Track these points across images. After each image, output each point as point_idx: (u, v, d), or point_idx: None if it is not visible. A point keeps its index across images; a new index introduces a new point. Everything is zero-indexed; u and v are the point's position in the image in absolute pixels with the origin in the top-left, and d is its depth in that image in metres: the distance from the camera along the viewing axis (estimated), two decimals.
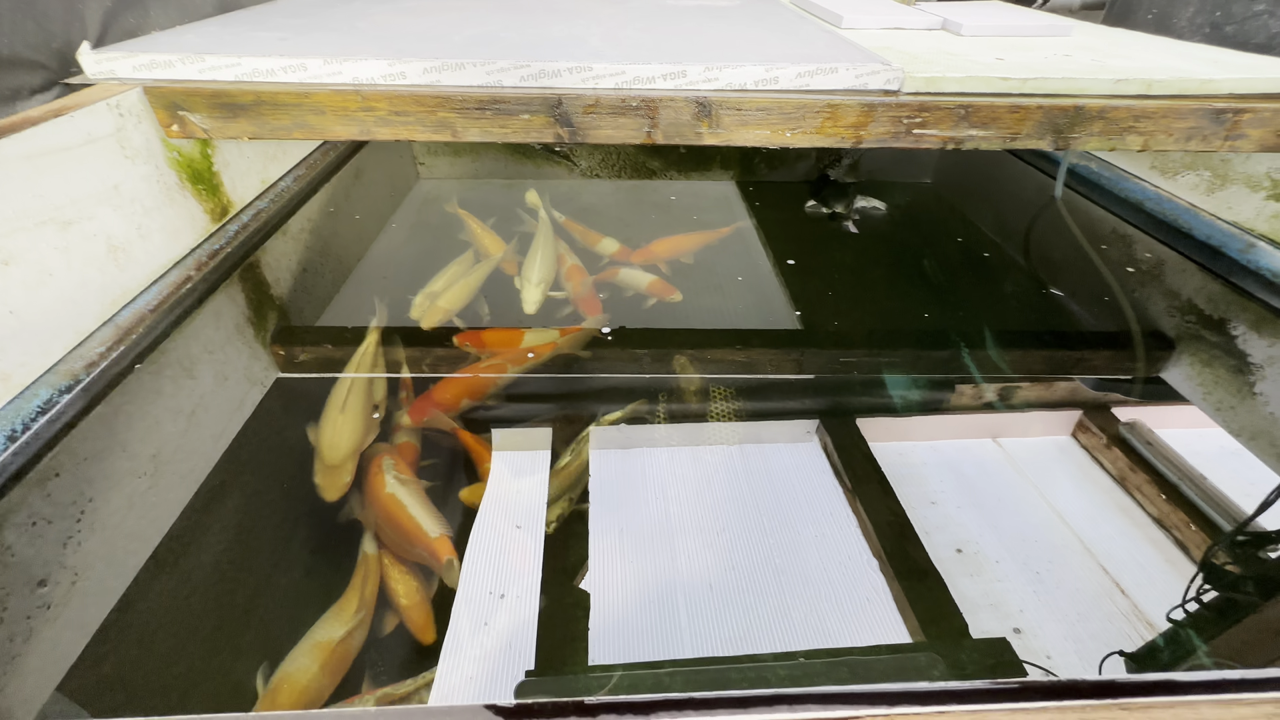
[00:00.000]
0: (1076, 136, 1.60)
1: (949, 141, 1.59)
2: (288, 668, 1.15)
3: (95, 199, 1.30)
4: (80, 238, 1.26)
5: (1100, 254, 2.37)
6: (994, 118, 1.57)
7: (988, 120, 1.56)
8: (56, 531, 1.09)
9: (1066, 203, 2.57)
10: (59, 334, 1.21)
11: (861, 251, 2.66)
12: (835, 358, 1.90)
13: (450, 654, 1.23)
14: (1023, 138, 1.59)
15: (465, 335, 1.97)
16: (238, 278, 1.69)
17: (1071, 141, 1.60)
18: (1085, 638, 1.40)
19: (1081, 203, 2.58)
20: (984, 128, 1.57)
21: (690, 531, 1.55)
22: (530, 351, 1.91)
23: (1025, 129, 1.58)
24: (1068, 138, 1.60)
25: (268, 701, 1.10)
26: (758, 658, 1.24)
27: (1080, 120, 1.57)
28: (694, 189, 3.26)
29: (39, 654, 1.03)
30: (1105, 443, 1.81)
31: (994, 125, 1.57)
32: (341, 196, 2.40)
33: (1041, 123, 1.58)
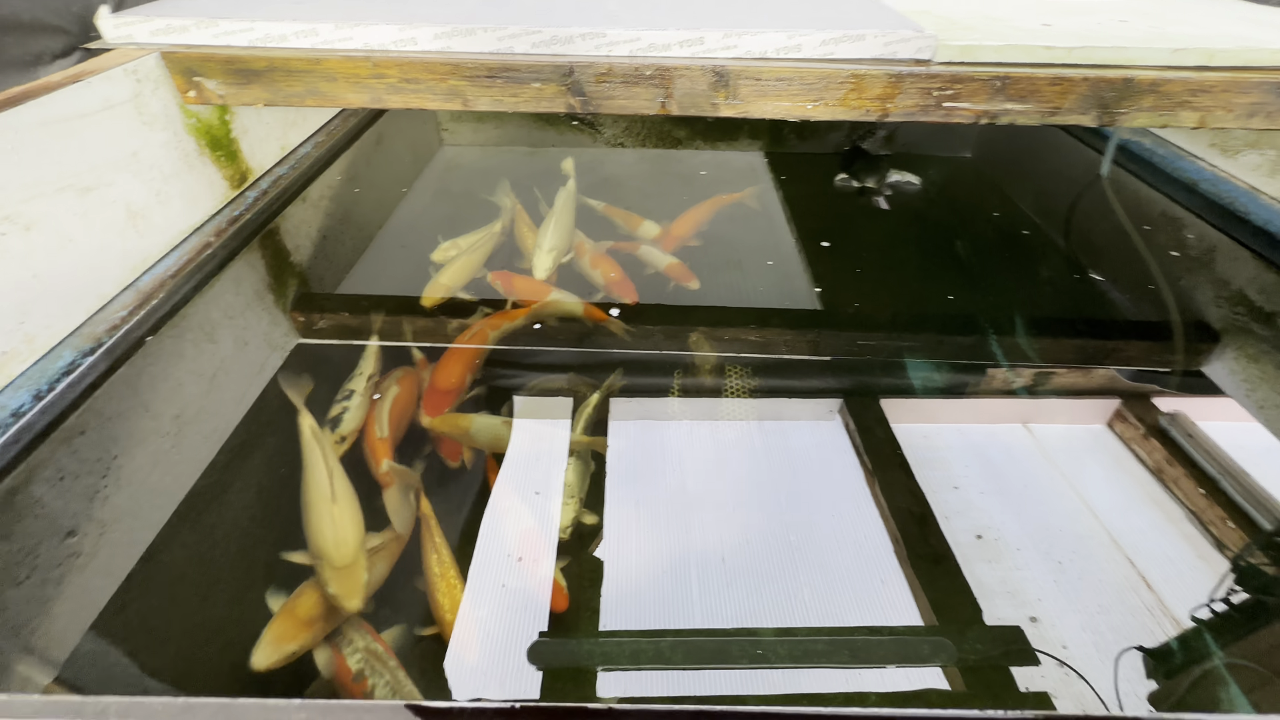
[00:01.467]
0: (1123, 112, 1.49)
1: (982, 116, 1.50)
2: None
3: (114, 165, 1.34)
4: (100, 204, 1.31)
5: (1145, 237, 2.24)
6: (1033, 90, 1.47)
7: (1026, 93, 1.47)
8: (84, 486, 1.15)
9: (1113, 181, 2.43)
10: (81, 298, 1.27)
11: (891, 229, 2.57)
12: (853, 340, 1.86)
13: (467, 612, 1.27)
14: (1063, 112, 1.49)
15: (499, 275, 2.05)
16: (257, 244, 1.72)
17: (1118, 117, 1.50)
18: (1105, 630, 1.37)
19: (1130, 181, 2.44)
20: (1021, 101, 1.48)
21: (706, 506, 1.57)
22: (538, 321, 1.90)
23: (1067, 103, 1.48)
24: (1113, 113, 1.49)
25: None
26: (760, 632, 1.24)
27: (1129, 94, 1.47)
28: (720, 159, 3.18)
29: (71, 599, 1.11)
30: (1143, 433, 1.74)
31: (1032, 99, 1.48)
32: (362, 163, 2.41)
33: (1086, 96, 1.48)
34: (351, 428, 1.50)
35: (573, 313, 1.97)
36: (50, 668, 1.04)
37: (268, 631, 1.12)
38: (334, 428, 1.47)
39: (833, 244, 2.42)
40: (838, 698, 1.13)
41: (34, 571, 1.05)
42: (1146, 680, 1.25)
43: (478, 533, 1.42)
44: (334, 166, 2.16)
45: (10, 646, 1.00)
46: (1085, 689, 1.26)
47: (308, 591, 1.19)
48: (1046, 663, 1.28)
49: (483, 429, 1.59)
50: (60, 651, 1.07)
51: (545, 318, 1.94)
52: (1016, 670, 1.22)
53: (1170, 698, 1.17)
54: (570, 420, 1.71)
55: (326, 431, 1.45)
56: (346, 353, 1.82)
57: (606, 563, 1.41)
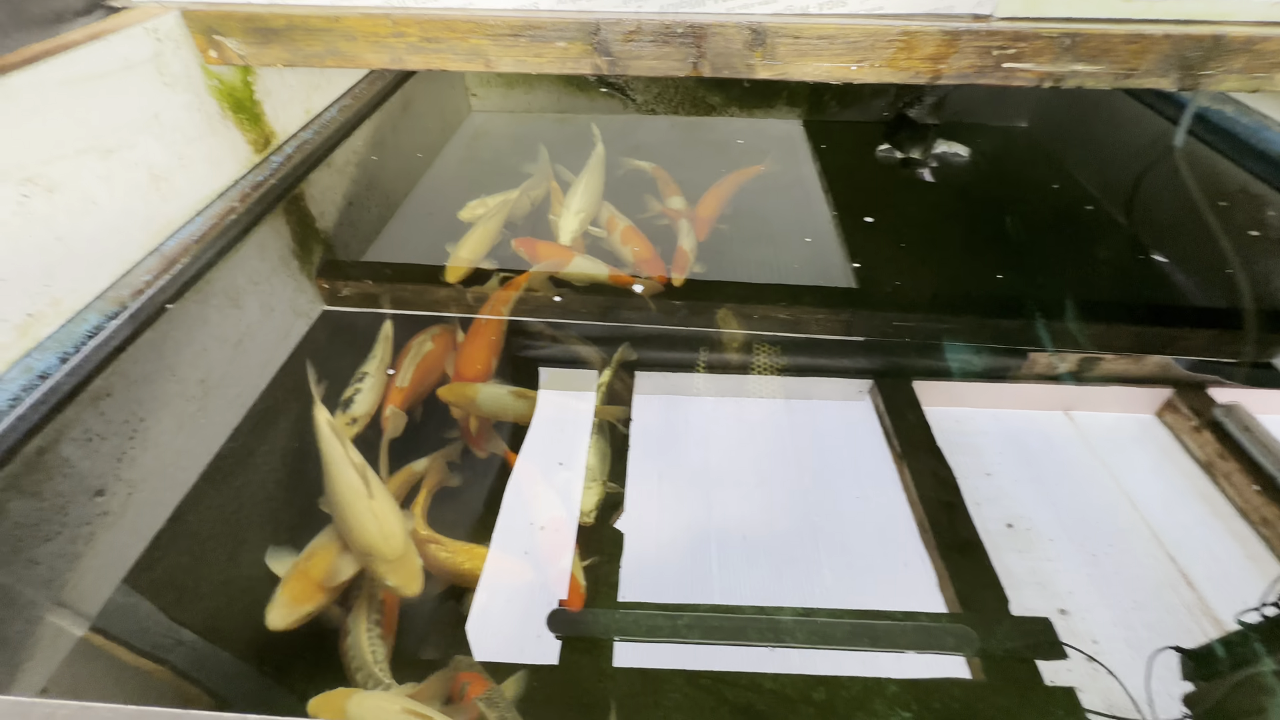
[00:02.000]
0: (1209, 74, 1.34)
1: (1045, 79, 1.37)
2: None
3: (135, 127, 1.34)
4: (122, 166, 1.31)
5: (1220, 215, 2.06)
6: (1105, 49, 1.34)
7: (1097, 52, 1.34)
8: (111, 447, 1.19)
9: (1187, 154, 2.23)
10: (105, 262, 1.29)
11: (935, 204, 2.44)
12: (889, 321, 1.78)
13: (489, 579, 1.30)
14: (1140, 75, 1.35)
15: (522, 241, 2.02)
16: (282, 210, 1.72)
17: (1201, 80, 1.35)
18: (1139, 626, 1.33)
19: (1205, 154, 2.24)
20: (1092, 62, 1.35)
21: (729, 482, 1.56)
22: (559, 294, 1.86)
23: (1144, 64, 1.34)
24: (1197, 75, 1.35)
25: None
26: (778, 611, 1.24)
27: (1218, 53, 1.32)
28: (756, 127, 3.04)
29: (100, 556, 1.16)
30: (1196, 425, 1.65)
31: (1105, 59, 1.34)
32: (388, 129, 2.37)
33: (1166, 56, 1.33)
34: (364, 410, 1.50)
35: (598, 279, 1.93)
36: (83, 620, 1.10)
37: (281, 591, 1.15)
38: (345, 409, 1.48)
39: (872, 219, 2.31)
40: (855, 682, 1.12)
41: (64, 528, 1.10)
42: (1182, 682, 1.20)
43: (501, 501, 1.44)
44: (359, 131, 2.14)
45: (43, 599, 1.06)
46: (1114, 685, 1.22)
47: (319, 551, 1.22)
48: (1074, 657, 1.25)
49: (490, 399, 1.58)
50: (92, 606, 1.12)
51: (569, 286, 1.90)
52: (1043, 664, 1.18)
53: (1207, 702, 1.12)
54: (594, 393, 1.70)
55: (340, 415, 1.46)
56: (372, 320, 1.84)
57: (627, 535, 1.42)
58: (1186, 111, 2.19)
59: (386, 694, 1.05)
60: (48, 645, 1.03)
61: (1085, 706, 1.11)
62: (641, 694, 1.11)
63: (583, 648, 1.19)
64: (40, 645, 1.02)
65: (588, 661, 1.17)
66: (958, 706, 1.07)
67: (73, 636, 1.05)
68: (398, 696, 1.04)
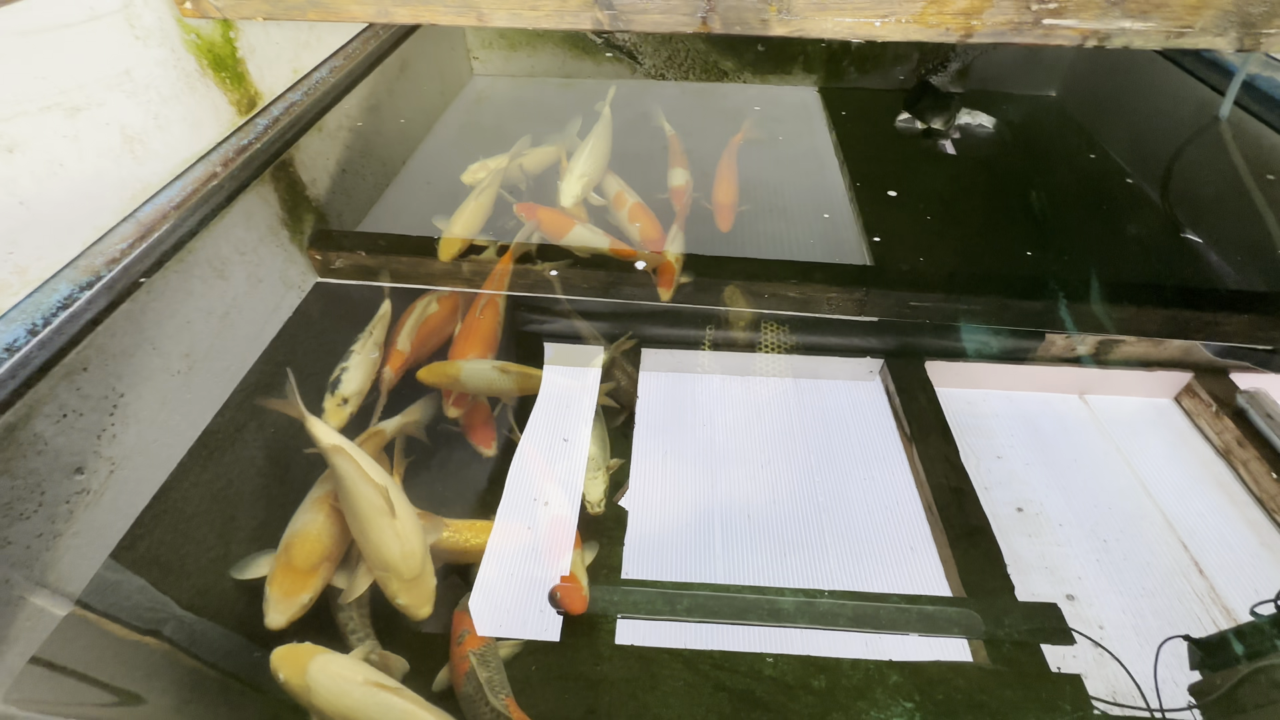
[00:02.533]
0: (1273, 33, 1.23)
1: (1089, 37, 1.27)
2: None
3: (104, 84, 1.25)
4: (91, 126, 1.23)
5: (1266, 191, 1.95)
6: (1159, 4, 1.23)
7: (1149, 8, 1.24)
8: (89, 424, 1.15)
9: (1233, 125, 2.09)
10: (75, 228, 1.22)
11: (957, 177, 2.34)
12: (905, 301, 1.71)
13: (493, 552, 1.29)
14: (1193, 33, 1.25)
15: (524, 206, 1.97)
16: (269, 177, 1.64)
17: (1263, 41, 1.25)
18: (1147, 614, 1.31)
19: (1253, 126, 2.11)
20: (1142, 18, 1.25)
21: (734, 461, 1.55)
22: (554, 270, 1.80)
23: (1200, 20, 1.24)
24: (1259, 35, 1.25)
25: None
26: (781, 591, 1.22)
27: None
28: (770, 95, 2.91)
29: (82, 535, 1.14)
30: (1215, 410, 1.60)
31: (1156, 14, 1.24)
32: (384, 92, 2.27)
33: (1226, 13, 1.23)
34: (354, 389, 1.44)
35: (598, 249, 1.86)
36: (65, 599, 1.09)
37: (271, 590, 1.10)
38: (333, 390, 1.43)
39: (890, 192, 2.22)
40: (857, 670, 1.10)
41: (40, 507, 1.06)
42: (1190, 671, 1.19)
43: (505, 476, 1.43)
44: (353, 94, 2.03)
45: (20, 579, 1.03)
46: (1119, 673, 1.21)
47: (295, 541, 1.17)
48: (1081, 644, 1.24)
49: (474, 376, 1.53)
50: (74, 585, 1.10)
51: (572, 260, 1.84)
52: (1049, 650, 1.17)
53: (1215, 692, 1.11)
54: (600, 370, 1.67)
55: (329, 397, 1.40)
56: (368, 294, 1.79)
57: (630, 512, 1.41)
58: (1235, 79, 2.05)
59: (350, 661, 1.03)
60: (26, 624, 1.01)
61: (1091, 694, 1.09)
62: (639, 677, 1.10)
63: (584, 626, 1.18)
64: (17, 624, 1.00)
65: (588, 640, 1.16)
66: (960, 697, 1.06)
67: (54, 616, 1.04)
68: (361, 665, 1.03)
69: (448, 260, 1.80)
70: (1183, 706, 1.13)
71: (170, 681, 1.07)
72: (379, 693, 0.97)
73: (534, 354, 1.70)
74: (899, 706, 1.04)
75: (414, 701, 0.98)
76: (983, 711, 1.04)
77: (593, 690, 1.09)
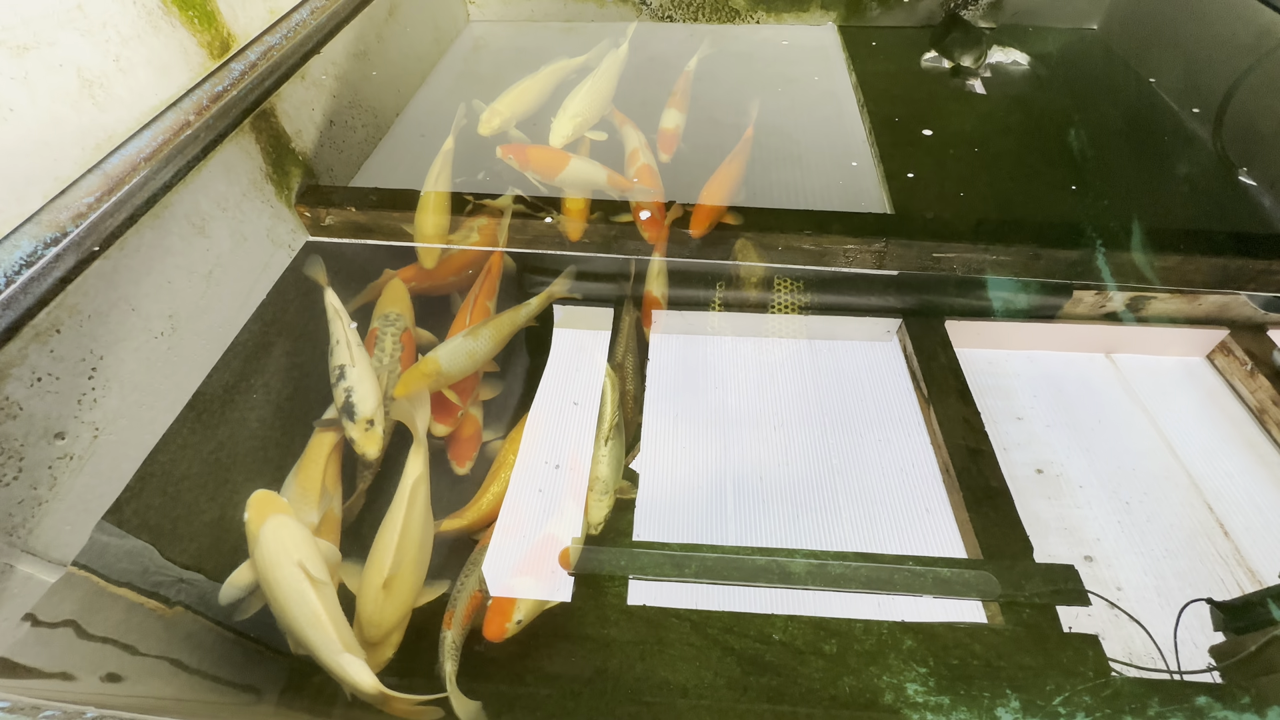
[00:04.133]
0: None
1: None
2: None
3: (54, 20, 1.15)
4: (42, 67, 1.14)
5: None
6: None
7: None
8: (67, 388, 1.13)
9: None
10: (34, 180, 1.13)
11: (987, 117, 2.21)
12: (928, 253, 1.62)
13: (507, 515, 1.30)
14: None
15: (510, 148, 1.87)
16: (249, 127, 1.55)
17: None
18: (1169, 575, 1.30)
19: None
20: None
21: (747, 423, 1.53)
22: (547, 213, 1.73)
23: None
24: None
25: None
26: (794, 553, 1.22)
27: None
28: (785, 34, 2.74)
29: (69, 500, 1.12)
30: (1250, 369, 1.55)
31: None
32: (373, 38, 2.14)
33: None
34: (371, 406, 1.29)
35: (596, 184, 1.78)
36: (56, 564, 1.09)
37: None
38: (349, 415, 1.27)
39: (915, 136, 2.09)
40: (869, 635, 1.10)
41: (20, 473, 1.05)
42: (1212, 634, 1.18)
43: (521, 439, 1.42)
44: (338, 39, 1.90)
45: (3, 545, 1.02)
46: (1137, 634, 1.21)
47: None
48: (1097, 605, 1.23)
49: (453, 357, 1.40)
50: (66, 548, 1.10)
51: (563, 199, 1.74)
52: (1065, 612, 1.16)
53: (1235, 655, 1.10)
54: (610, 332, 1.63)
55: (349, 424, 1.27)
56: (361, 252, 1.73)
57: (642, 474, 1.40)
58: None
59: (300, 537, 1.05)
60: (14, 589, 1.01)
61: (1109, 655, 1.09)
62: (647, 640, 1.10)
63: (597, 584, 1.18)
64: (5, 589, 1.00)
65: (597, 602, 1.16)
66: (977, 662, 1.05)
67: (43, 582, 1.05)
68: (309, 544, 1.05)
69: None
70: (1202, 669, 1.13)
71: (165, 642, 1.09)
72: (301, 581, 0.99)
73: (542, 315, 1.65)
74: (912, 671, 1.04)
75: (327, 603, 0.99)
76: (999, 677, 1.03)
77: (601, 652, 1.09)
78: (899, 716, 0.97)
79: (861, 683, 1.03)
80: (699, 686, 1.04)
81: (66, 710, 0.55)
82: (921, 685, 1.01)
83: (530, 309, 1.58)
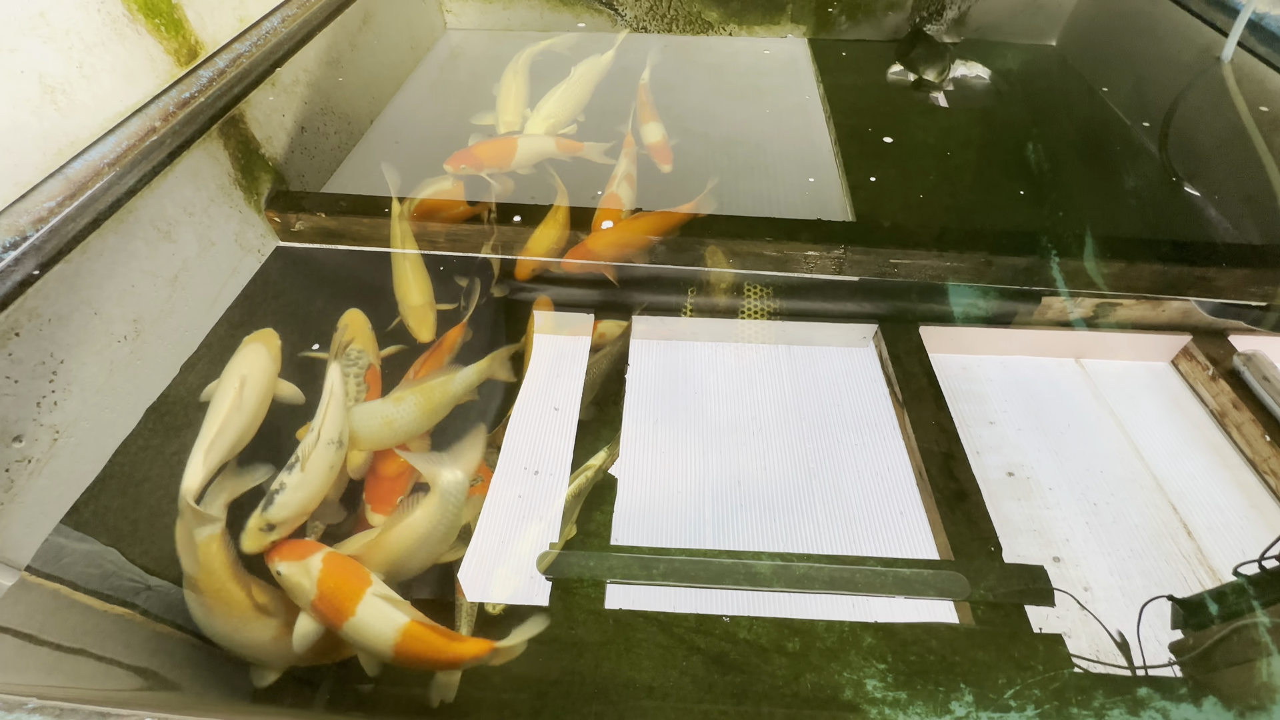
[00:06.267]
0: None
1: None
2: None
3: (15, 27, 1.18)
4: (2, 74, 1.16)
5: (1270, 139, 1.91)
6: None
7: None
8: (26, 390, 1.14)
9: (1236, 69, 2.04)
10: None
11: (949, 130, 2.31)
12: (885, 259, 1.68)
13: (486, 519, 1.32)
14: None
15: (456, 158, 1.85)
16: (218, 133, 1.57)
17: None
18: (1134, 574, 1.34)
19: (1257, 70, 2.07)
20: None
21: (725, 428, 1.57)
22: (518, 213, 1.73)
23: None
24: None
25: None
26: (769, 556, 1.25)
27: None
28: (756, 47, 2.83)
29: (26, 503, 1.13)
30: (1211, 374, 1.62)
31: None
32: (345, 45, 2.18)
33: None
34: (289, 514, 1.14)
35: (548, 153, 1.80)
36: (10, 568, 1.08)
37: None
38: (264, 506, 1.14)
39: (878, 148, 2.18)
40: (831, 633, 1.13)
41: None
42: (1172, 630, 1.22)
43: (501, 446, 1.45)
44: (310, 47, 1.94)
45: None
46: (1102, 632, 1.24)
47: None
48: (1066, 604, 1.27)
49: (366, 422, 1.29)
50: (22, 551, 1.09)
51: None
52: (1034, 611, 1.20)
53: (1194, 650, 1.14)
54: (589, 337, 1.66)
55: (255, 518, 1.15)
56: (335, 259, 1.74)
57: (621, 479, 1.43)
58: (1240, 19, 1.98)
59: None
60: None
61: (1074, 653, 1.12)
62: (614, 641, 1.12)
63: (574, 589, 1.20)
64: None
65: (565, 605, 1.18)
66: (934, 659, 1.09)
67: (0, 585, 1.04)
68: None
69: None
70: (1163, 664, 1.17)
71: (123, 645, 1.09)
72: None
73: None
74: (871, 668, 1.07)
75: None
76: (953, 672, 1.07)
77: (567, 653, 1.11)
78: (858, 712, 1.00)
79: (823, 679, 1.06)
80: (664, 685, 1.06)
81: (7, 701, 0.56)
82: (880, 681, 1.04)
83: (468, 380, 1.40)
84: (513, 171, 1.84)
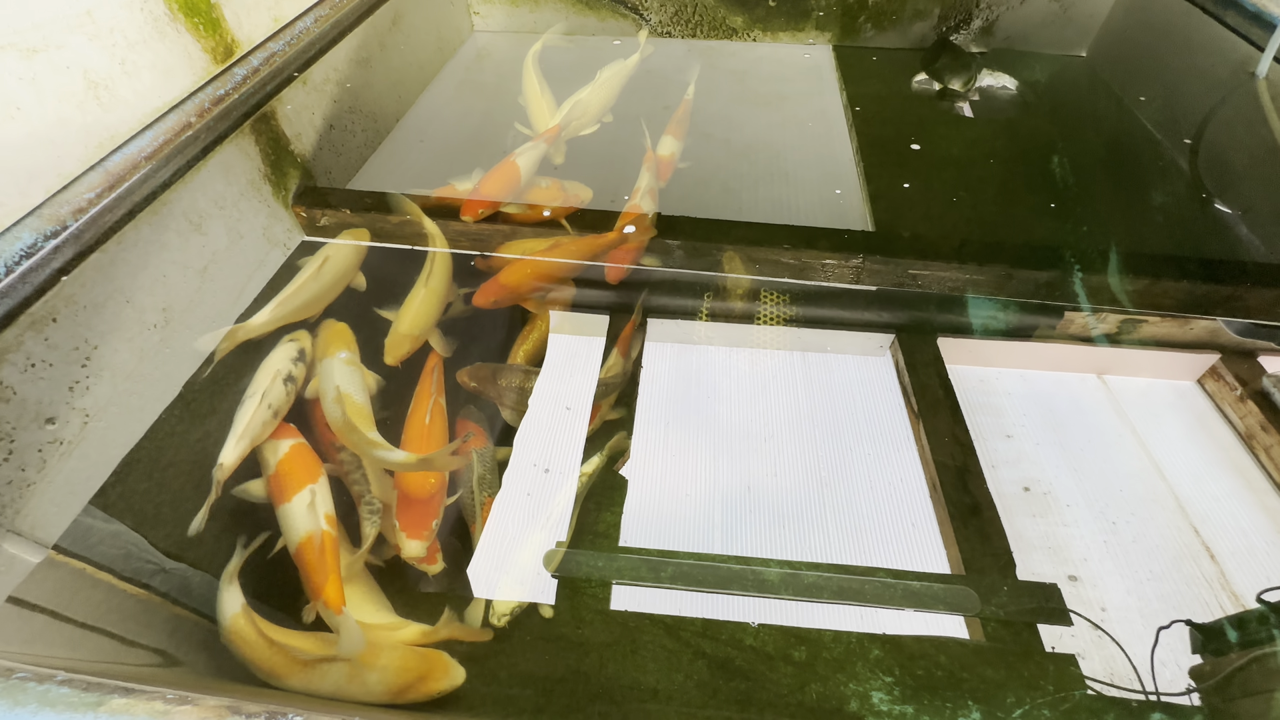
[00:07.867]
0: None
1: None
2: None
3: (64, 25, 1.23)
4: (50, 69, 1.22)
5: None
6: None
7: None
8: (60, 374, 1.19)
9: (1272, 85, 2.00)
10: (36, 175, 1.20)
11: (973, 141, 2.28)
12: (905, 269, 1.67)
13: (495, 517, 1.34)
14: None
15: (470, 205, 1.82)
16: (250, 129, 1.62)
17: None
18: (1152, 598, 1.31)
19: None
20: None
21: (737, 434, 1.56)
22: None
23: None
24: None
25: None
26: (778, 564, 1.24)
27: None
28: (779, 54, 2.84)
29: (55, 484, 1.16)
30: (1240, 394, 1.58)
31: None
32: (375, 45, 2.24)
33: None
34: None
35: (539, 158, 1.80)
36: (39, 546, 1.12)
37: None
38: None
39: (900, 157, 2.17)
40: (839, 643, 1.12)
41: (10, 455, 1.09)
42: (1191, 655, 1.20)
43: (512, 443, 1.46)
44: (340, 47, 1.99)
45: None
46: (1117, 654, 1.22)
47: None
48: (1081, 625, 1.25)
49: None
50: (51, 530, 1.13)
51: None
52: (1047, 631, 1.18)
53: (1213, 677, 1.12)
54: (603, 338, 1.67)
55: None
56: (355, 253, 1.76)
57: (631, 481, 1.43)
58: (1277, 34, 1.94)
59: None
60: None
61: (1087, 675, 1.11)
62: (620, 642, 1.13)
63: (580, 588, 1.21)
64: None
65: (572, 606, 1.19)
66: (942, 674, 1.07)
67: (28, 562, 1.08)
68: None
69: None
70: (1181, 691, 1.15)
71: (145, 626, 1.11)
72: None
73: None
74: (878, 680, 1.06)
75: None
76: (961, 688, 1.06)
77: (572, 652, 1.11)
78: None
79: (828, 689, 1.05)
80: (669, 689, 1.06)
81: (39, 673, 0.59)
82: (887, 694, 1.04)
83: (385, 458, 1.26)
84: (527, 186, 1.86)
